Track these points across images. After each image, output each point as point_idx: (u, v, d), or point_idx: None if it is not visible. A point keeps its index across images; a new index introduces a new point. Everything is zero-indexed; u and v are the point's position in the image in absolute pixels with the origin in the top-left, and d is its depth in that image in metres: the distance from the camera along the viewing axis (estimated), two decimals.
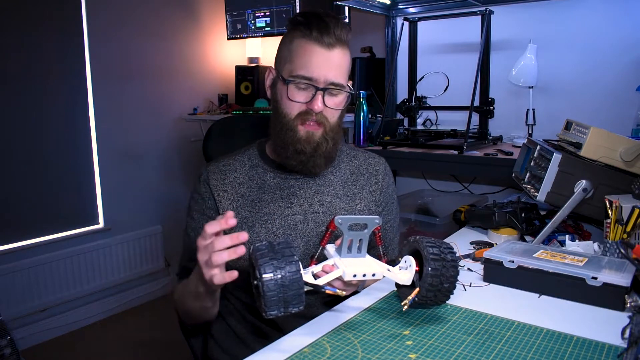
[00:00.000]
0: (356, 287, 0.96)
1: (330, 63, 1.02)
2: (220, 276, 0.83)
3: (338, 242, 0.85)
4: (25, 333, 2.49)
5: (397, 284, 0.87)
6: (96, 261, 2.81)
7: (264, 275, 0.70)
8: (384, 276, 0.81)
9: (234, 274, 0.82)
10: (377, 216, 0.81)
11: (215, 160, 1.16)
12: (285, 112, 1.04)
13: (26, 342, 2.49)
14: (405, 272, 0.83)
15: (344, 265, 0.80)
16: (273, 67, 1.11)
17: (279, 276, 0.71)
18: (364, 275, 0.79)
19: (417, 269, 0.82)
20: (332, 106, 1.04)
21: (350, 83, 1.08)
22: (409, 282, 0.83)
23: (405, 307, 0.80)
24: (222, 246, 0.81)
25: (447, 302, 0.85)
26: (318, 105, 1.01)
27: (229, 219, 0.81)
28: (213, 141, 1.44)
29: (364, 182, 1.17)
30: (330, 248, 0.86)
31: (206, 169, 1.14)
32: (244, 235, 0.81)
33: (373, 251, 0.89)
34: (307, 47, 1.02)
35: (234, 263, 1.09)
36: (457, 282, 0.82)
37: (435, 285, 0.79)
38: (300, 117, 1.03)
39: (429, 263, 0.78)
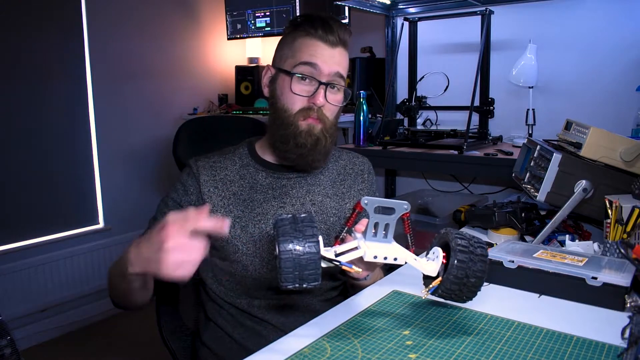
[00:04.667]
0: (373, 270, 0.96)
1: (333, 58, 1.03)
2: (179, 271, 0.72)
3: (358, 226, 0.85)
4: (25, 333, 2.49)
5: (424, 276, 0.86)
6: (96, 261, 2.81)
7: (282, 252, 0.71)
8: (406, 262, 0.80)
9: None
10: (405, 201, 0.78)
11: (205, 156, 1.14)
12: (286, 107, 1.04)
13: (26, 342, 2.49)
14: (431, 263, 0.82)
15: (367, 247, 0.79)
16: (271, 66, 1.10)
17: (297, 253, 0.72)
18: (385, 258, 0.78)
19: (444, 261, 0.80)
20: (332, 102, 1.05)
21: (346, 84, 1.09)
22: (434, 274, 0.81)
23: (425, 295, 0.80)
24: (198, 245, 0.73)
25: (447, 302, 0.84)
26: (320, 99, 1.02)
27: (225, 225, 0.74)
28: (183, 145, 1.39)
29: (352, 182, 1.19)
30: (358, 232, 0.86)
31: (196, 163, 1.11)
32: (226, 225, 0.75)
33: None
34: (311, 43, 1.02)
35: (232, 267, 1.07)
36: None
37: (460, 278, 0.76)
38: (302, 113, 1.03)
39: (456, 254, 0.76)
